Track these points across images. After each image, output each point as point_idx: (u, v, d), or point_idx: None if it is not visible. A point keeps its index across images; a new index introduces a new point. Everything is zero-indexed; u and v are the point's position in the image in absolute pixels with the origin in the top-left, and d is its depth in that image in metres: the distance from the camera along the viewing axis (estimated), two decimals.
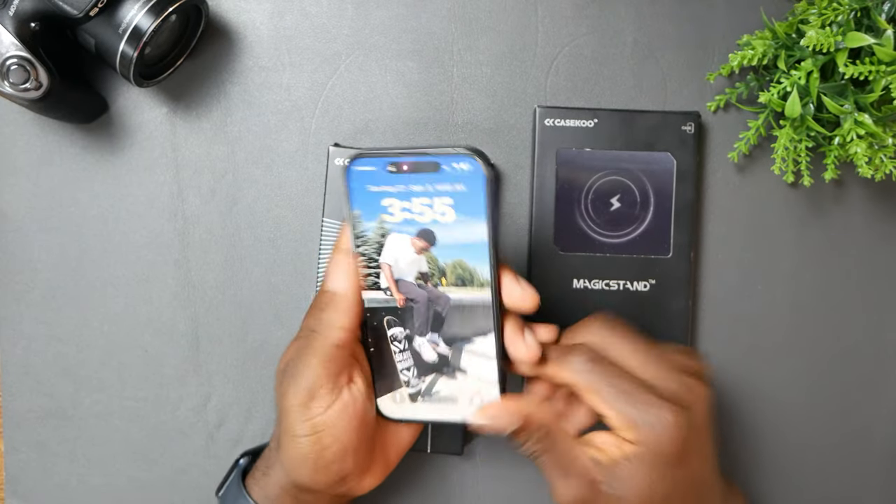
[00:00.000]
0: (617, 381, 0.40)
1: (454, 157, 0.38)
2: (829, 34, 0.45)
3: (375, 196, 0.40)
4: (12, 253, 0.54)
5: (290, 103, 0.54)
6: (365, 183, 0.40)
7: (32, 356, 0.55)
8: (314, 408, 0.41)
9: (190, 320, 0.55)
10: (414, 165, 0.39)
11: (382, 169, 0.40)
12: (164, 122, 0.54)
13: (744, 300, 0.54)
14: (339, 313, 0.41)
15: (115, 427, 0.55)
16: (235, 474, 0.48)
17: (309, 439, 0.41)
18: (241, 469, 0.48)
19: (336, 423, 0.41)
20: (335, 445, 0.41)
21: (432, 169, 0.39)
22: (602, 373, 0.40)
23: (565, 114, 0.52)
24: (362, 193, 0.40)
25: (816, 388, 0.55)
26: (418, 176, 0.39)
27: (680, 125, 0.52)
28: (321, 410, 0.41)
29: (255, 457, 0.49)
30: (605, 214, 0.52)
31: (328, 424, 0.41)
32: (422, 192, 0.39)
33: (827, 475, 0.55)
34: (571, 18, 0.54)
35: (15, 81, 0.46)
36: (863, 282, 0.54)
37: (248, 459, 0.49)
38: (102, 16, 0.46)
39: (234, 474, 0.48)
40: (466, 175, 0.38)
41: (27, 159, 0.54)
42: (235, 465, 0.49)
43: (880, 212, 0.54)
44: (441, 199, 0.39)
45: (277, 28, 0.54)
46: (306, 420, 0.41)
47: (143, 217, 0.54)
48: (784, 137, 0.49)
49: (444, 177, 0.39)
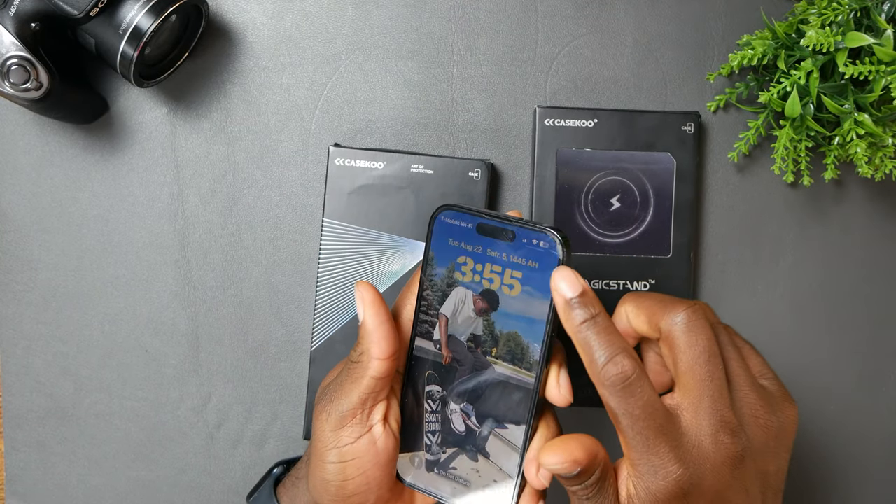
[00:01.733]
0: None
1: (535, 234, 0.39)
2: (829, 34, 0.45)
3: (453, 250, 0.41)
4: (12, 253, 0.54)
5: (290, 103, 0.54)
6: (447, 235, 0.41)
7: (32, 356, 0.55)
8: (344, 437, 0.41)
9: (190, 320, 0.55)
10: (494, 231, 0.39)
11: (468, 226, 0.40)
12: (164, 123, 0.54)
13: (744, 300, 0.54)
14: (376, 345, 0.41)
15: (115, 427, 0.55)
16: (268, 482, 0.48)
17: (335, 466, 0.41)
18: (275, 478, 0.49)
19: (363, 456, 0.41)
20: (359, 478, 0.41)
21: (510, 238, 0.39)
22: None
23: (565, 114, 0.52)
24: (442, 243, 0.41)
25: (816, 387, 0.55)
26: (497, 242, 0.40)
27: (680, 125, 0.52)
28: (351, 440, 0.41)
29: (288, 466, 0.50)
30: (604, 214, 0.52)
31: (356, 455, 0.41)
32: (496, 258, 0.40)
33: (827, 475, 0.55)
34: (571, 18, 0.54)
35: (15, 81, 0.46)
36: (863, 281, 0.54)
37: (281, 469, 0.50)
38: (102, 16, 0.46)
39: (267, 482, 0.49)
40: (542, 253, 0.39)
41: (27, 159, 0.54)
42: (269, 474, 0.50)
43: (880, 211, 0.54)
44: (512, 271, 0.39)
45: (277, 28, 0.54)
46: (335, 447, 0.41)
47: (144, 217, 0.54)
48: (784, 137, 0.49)
49: (520, 248, 0.39)
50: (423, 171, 0.52)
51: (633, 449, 0.37)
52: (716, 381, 0.37)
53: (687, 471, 0.36)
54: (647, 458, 0.36)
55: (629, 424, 0.37)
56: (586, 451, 0.37)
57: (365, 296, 0.41)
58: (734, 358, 0.39)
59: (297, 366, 0.55)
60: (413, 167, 0.52)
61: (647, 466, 0.36)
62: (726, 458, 0.37)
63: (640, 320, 0.39)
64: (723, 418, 0.37)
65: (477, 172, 0.52)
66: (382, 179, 0.52)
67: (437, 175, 0.52)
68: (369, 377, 0.40)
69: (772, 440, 0.38)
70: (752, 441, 0.37)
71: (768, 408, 0.38)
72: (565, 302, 0.38)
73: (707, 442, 0.37)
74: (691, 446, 0.37)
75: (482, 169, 0.52)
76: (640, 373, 0.37)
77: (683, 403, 0.37)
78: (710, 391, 0.37)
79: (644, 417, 0.36)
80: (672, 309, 0.38)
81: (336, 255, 0.52)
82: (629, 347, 0.37)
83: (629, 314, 0.40)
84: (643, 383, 0.37)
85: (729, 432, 0.37)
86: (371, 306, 0.41)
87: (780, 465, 0.39)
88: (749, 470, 0.38)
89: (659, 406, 0.37)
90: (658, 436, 0.36)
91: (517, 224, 0.39)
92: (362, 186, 0.52)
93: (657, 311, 0.38)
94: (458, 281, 0.41)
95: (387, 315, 0.41)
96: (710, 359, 0.37)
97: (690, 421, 0.37)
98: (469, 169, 0.52)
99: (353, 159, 0.52)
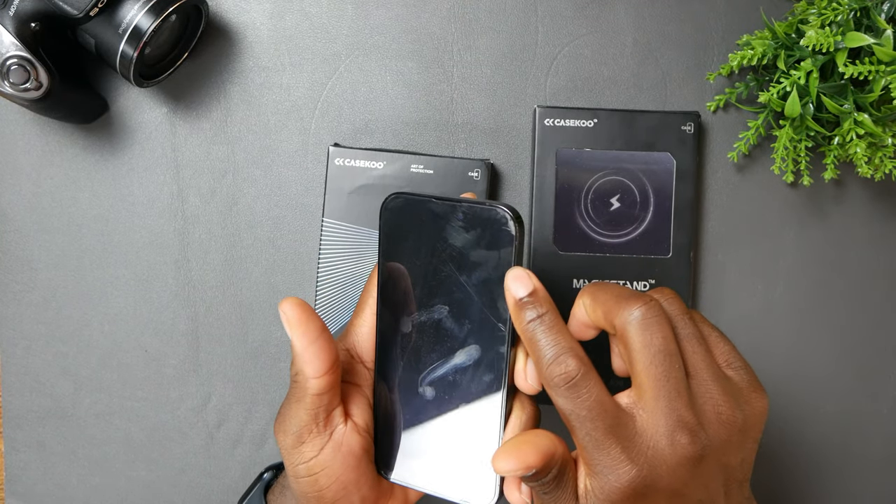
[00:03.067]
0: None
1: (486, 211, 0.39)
2: (829, 34, 0.45)
3: (408, 237, 0.41)
4: (12, 253, 0.54)
5: (289, 103, 0.54)
6: (399, 222, 0.41)
7: (32, 356, 0.55)
8: (306, 452, 0.41)
9: (190, 320, 0.55)
10: (446, 213, 0.40)
11: (419, 211, 0.40)
12: (164, 123, 0.54)
13: (744, 300, 0.54)
14: (308, 365, 0.40)
15: (115, 427, 0.55)
16: (259, 488, 0.48)
17: (307, 480, 0.41)
18: (265, 483, 0.49)
19: (331, 464, 0.41)
20: (334, 485, 0.41)
21: (461, 219, 0.39)
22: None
23: (565, 114, 0.52)
24: (395, 231, 0.41)
25: (816, 387, 0.55)
26: (450, 225, 0.40)
27: (680, 125, 0.52)
28: (314, 453, 0.41)
29: (277, 471, 0.50)
30: (604, 214, 0.52)
31: (324, 466, 0.41)
32: (450, 240, 0.40)
33: (827, 475, 0.55)
34: (571, 18, 0.54)
35: (15, 81, 0.46)
36: (862, 281, 0.54)
37: (271, 474, 0.50)
38: (102, 16, 0.46)
39: (257, 488, 0.49)
40: (495, 230, 0.39)
41: (27, 159, 0.54)
42: (259, 479, 0.50)
43: (880, 211, 0.54)
44: (468, 251, 0.40)
45: (277, 28, 0.54)
46: (301, 463, 0.41)
47: (144, 217, 0.54)
48: (784, 137, 0.49)
49: (472, 228, 0.39)
50: (422, 171, 0.52)
51: (585, 449, 0.36)
52: (672, 381, 0.36)
53: (640, 471, 0.35)
54: (598, 457, 0.36)
55: (578, 425, 0.36)
56: (540, 453, 0.37)
57: (290, 315, 0.40)
58: (696, 351, 0.38)
59: None
60: (413, 167, 0.52)
61: (599, 466, 0.36)
62: (683, 458, 0.36)
63: (596, 314, 0.38)
64: (680, 418, 0.36)
65: (477, 172, 0.52)
66: (382, 179, 0.52)
67: (436, 175, 0.52)
68: (311, 395, 0.40)
69: (735, 435, 0.37)
70: (713, 438, 0.36)
71: (732, 402, 0.37)
72: (515, 302, 0.37)
73: (663, 443, 0.36)
74: (646, 447, 0.36)
75: (482, 169, 0.52)
76: (585, 372, 0.36)
77: (640, 403, 0.36)
78: (667, 391, 0.36)
79: (591, 418, 0.36)
80: (626, 305, 0.36)
81: (336, 255, 0.52)
82: (577, 347, 0.37)
83: (586, 307, 0.39)
84: (589, 383, 0.36)
85: (686, 432, 0.36)
86: (297, 326, 0.40)
87: (746, 457, 0.38)
88: (710, 467, 0.37)
89: (609, 406, 0.36)
90: (607, 436, 0.36)
91: (467, 204, 0.39)
92: (362, 186, 0.52)
93: (612, 306, 0.37)
94: (417, 266, 0.40)
95: (316, 331, 0.40)
96: (666, 358, 0.36)
97: (646, 421, 0.36)
98: (469, 169, 0.52)
99: (352, 159, 0.52)
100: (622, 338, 0.37)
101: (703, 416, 0.36)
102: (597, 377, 0.36)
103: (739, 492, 0.39)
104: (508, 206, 0.38)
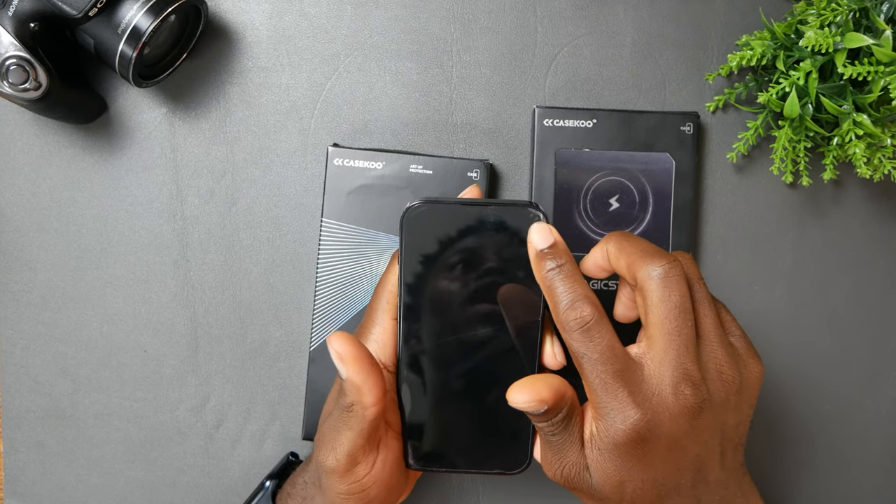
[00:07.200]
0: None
1: (512, 210, 0.41)
2: (828, 35, 0.45)
3: (433, 245, 0.42)
4: (11, 253, 0.54)
5: (289, 103, 0.54)
6: (422, 231, 0.42)
7: (31, 356, 0.55)
8: (360, 471, 0.42)
9: (189, 320, 0.55)
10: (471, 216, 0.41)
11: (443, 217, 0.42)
12: (164, 123, 0.54)
13: (743, 300, 0.54)
14: (366, 396, 0.41)
15: (114, 427, 0.55)
16: (264, 498, 0.49)
17: (359, 496, 0.42)
18: (270, 492, 0.49)
19: (381, 476, 0.43)
20: (383, 493, 0.43)
21: (490, 221, 0.41)
22: None
23: (564, 114, 0.52)
24: (418, 240, 0.42)
25: (816, 387, 0.55)
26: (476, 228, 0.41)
27: (679, 125, 0.52)
28: (368, 470, 0.42)
29: (280, 479, 0.50)
30: (603, 215, 0.52)
31: (375, 480, 0.42)
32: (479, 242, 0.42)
33: (827, 475, 0.55)
34: (571, 18, 0.54)
35: (14, 81, 0.46)
36: (862, 281, 0.54)
37: (274, 483, 0.50)
38: (102, 16, 0.46)
39: (261, 496, 0.49)
40: (521, 227, 0.41)
41: (26, 159, 0.54)
42: (262, 488, 0.50)
43: (879, 212, 0.54)
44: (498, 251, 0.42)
45: (276, 28, 0.54)
46: (354, 482, 0.42)
47: (143, 217, 0.54)
48: (783, 138, 0.49)
49: (502, 229, 0.41)
50: (422, 171, 0.52)
51: (593, 391, 0.38)
52: (683, 336, 0.38)
53: (644, 415, 0.38)
54: (606, 400, 0.38)
55: (589, 368, 0.38)
56: (553, 390, 0.39)
57: (342, 353, 0.41)
58: (707, 314, 0.40)
59: (296, 366, 0.55)
60: (412, 167, 0.52)
61: (606, 409, 0.38)
62: (685, 407, 0.38)
63: (619, 263, 0.40)
64: (686, 371, 0.38)
65: (476, 173, 0.52)
66: (381, 180, 0.52)
67: (436, 175, 0.52)
68: (367, 422, 0.41)
69: (732, 395, 0.39)
70: (713, 394, 0.39)
71: (733, 364, 0.39)
72: (536, 253, 0.40)
73: (667, 392, 0.38)
74: (651, 394, 0.38)
75: (481, 169, 0.52)
76: (598, 318, 0.38)
77: (649, 353, 0.39)
78: (677, 345, 0.38)
79: (602, 361, 0.38)
80: (650, 261, 0.39)
81: (335, 255, 0.52)
82: (591, 295, 0.39)
83: (610, 253, 0.41)
84: (602, 329, 0.38)
85: (690, 384, 0.38)
86: (353, 363, 0.41)
87: (741, 420, 0.41)
88: (707, 422, 0.39)
89: (619, 351, 0.38)
90: (616, 380, 0.38)
91: (493, 206, 0.41)
92: (361, 186, 0.52)
93: (636, 259, 0.39)
94: (447, 269, 0.42)
95: (370, 364, 0.41)
96: (681, 314, 0.38)
97: (653, 370, 0.38)
98: (468, 169, 0.52)
99: (351, 159, 0.52)
100: (642, 290, 0.39)
101: (706, 372, 0.39)
102: (609, 324, 0.39)
103: (734, 456, 0.41)
104: (531, 202, 0.41)
